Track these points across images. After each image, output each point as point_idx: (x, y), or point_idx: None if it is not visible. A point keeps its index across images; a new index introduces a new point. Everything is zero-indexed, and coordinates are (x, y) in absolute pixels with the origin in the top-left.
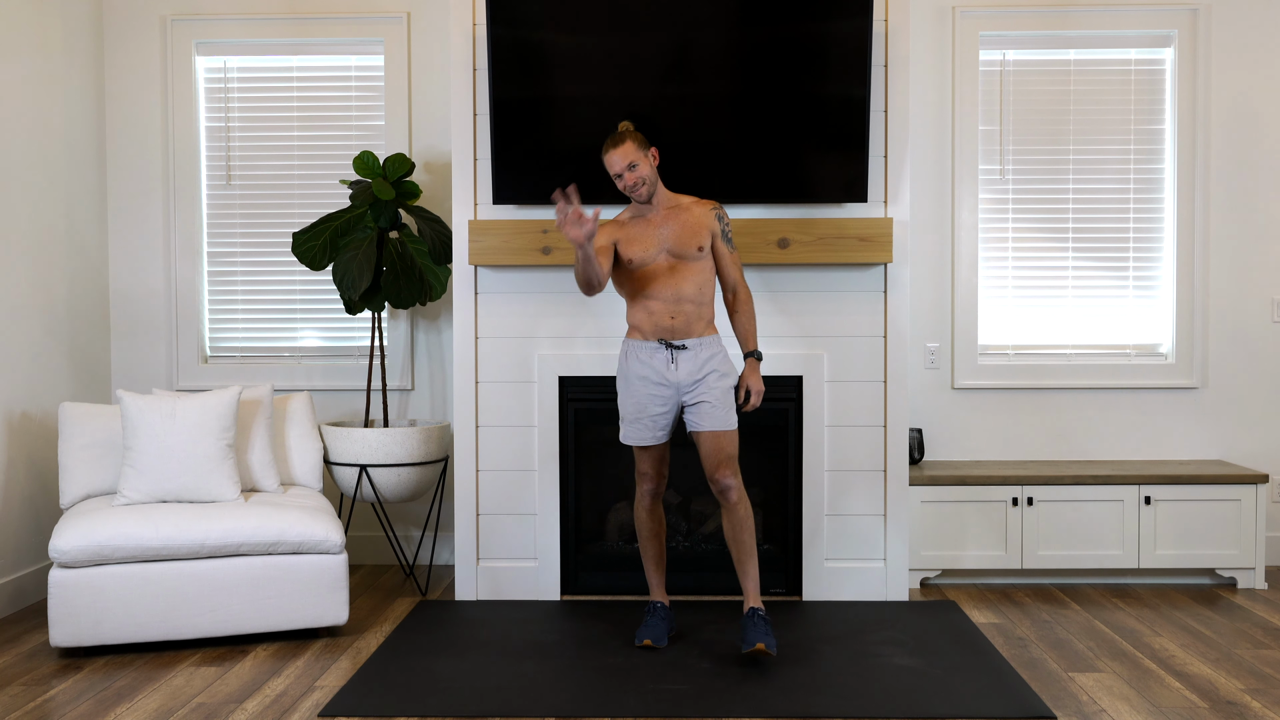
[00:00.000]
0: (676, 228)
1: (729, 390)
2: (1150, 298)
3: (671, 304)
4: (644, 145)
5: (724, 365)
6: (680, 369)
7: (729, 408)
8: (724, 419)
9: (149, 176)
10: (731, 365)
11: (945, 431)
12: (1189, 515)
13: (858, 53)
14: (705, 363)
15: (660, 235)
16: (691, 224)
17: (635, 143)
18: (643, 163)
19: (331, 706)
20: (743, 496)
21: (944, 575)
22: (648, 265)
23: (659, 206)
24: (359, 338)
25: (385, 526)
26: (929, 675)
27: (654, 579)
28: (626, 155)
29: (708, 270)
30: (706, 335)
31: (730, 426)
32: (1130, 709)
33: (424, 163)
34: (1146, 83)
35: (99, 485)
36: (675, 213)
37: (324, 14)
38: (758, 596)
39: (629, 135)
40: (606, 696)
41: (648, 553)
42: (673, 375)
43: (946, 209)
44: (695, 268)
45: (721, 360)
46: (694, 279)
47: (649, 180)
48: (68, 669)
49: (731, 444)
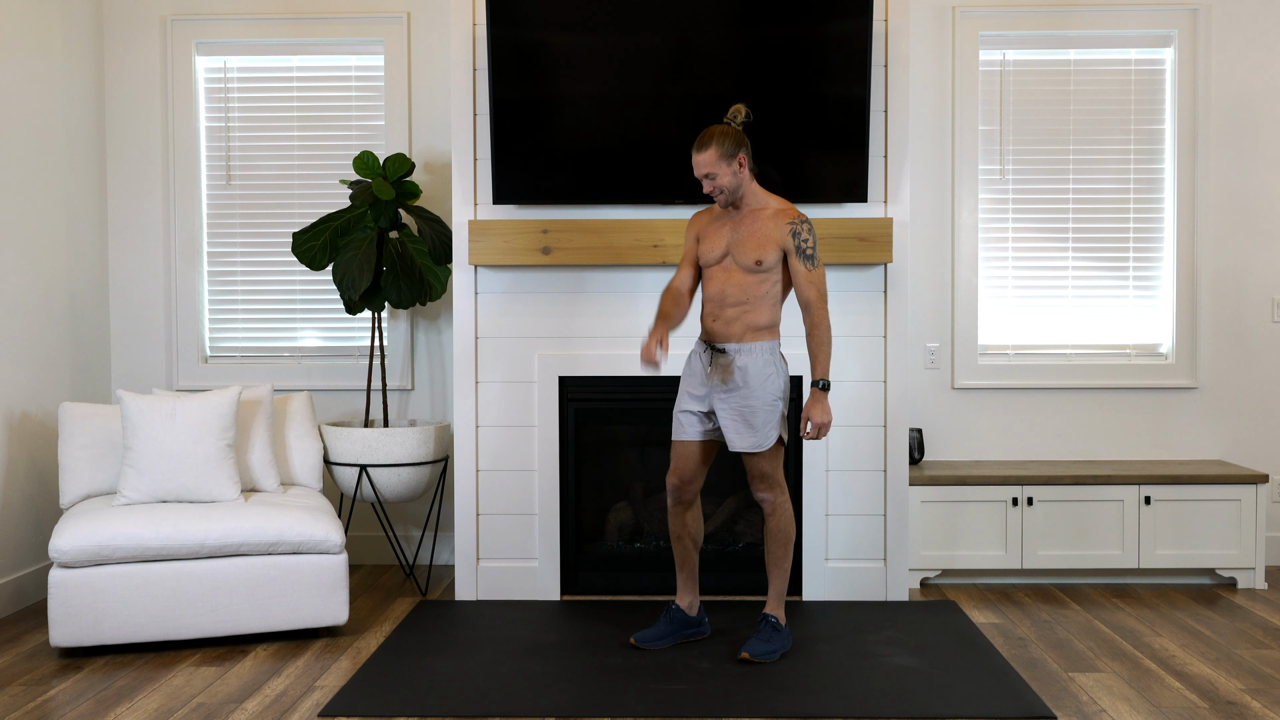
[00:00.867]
0: (743, 235)
1: (757, 410)
2: (1150, 298)
3: (717, 305)
4: (729, 155)
5: (758, 380)
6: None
7: (754, 428)
8: (744, 439)
9: (149, 176)
10: (775, 382)
11: (945, 431)
12: (1189, 515)
13: (858, 53)
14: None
15: (729, 239)
16: (759, 235)
17: (718, 153)
18: (723, 173)
19: (331, 706)
20: (778, 510)
21: (944, 575)
22: (711, 265)
23: (745, 208)
24: (359, 338)
25: (385, 526)
26: (929, 675)
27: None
28: (704, 165)
29: (766, 281)
30: (749, 341)
31: (751, 449)
32: (1130, 709)
33: (424, 163)
34: (1146, 83)
35: (99, 485)
36: (752, 218)
37: (324, 14)
38: (774, 604)
39: (714, 140)
40: (606, 696)
41: (675, 553)
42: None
43: (946, 209)
44: (751, 277)
45: (757, 374)
46: (742, 283)
47: (728, 190)
48: (68, 669)
49: (762, 462)
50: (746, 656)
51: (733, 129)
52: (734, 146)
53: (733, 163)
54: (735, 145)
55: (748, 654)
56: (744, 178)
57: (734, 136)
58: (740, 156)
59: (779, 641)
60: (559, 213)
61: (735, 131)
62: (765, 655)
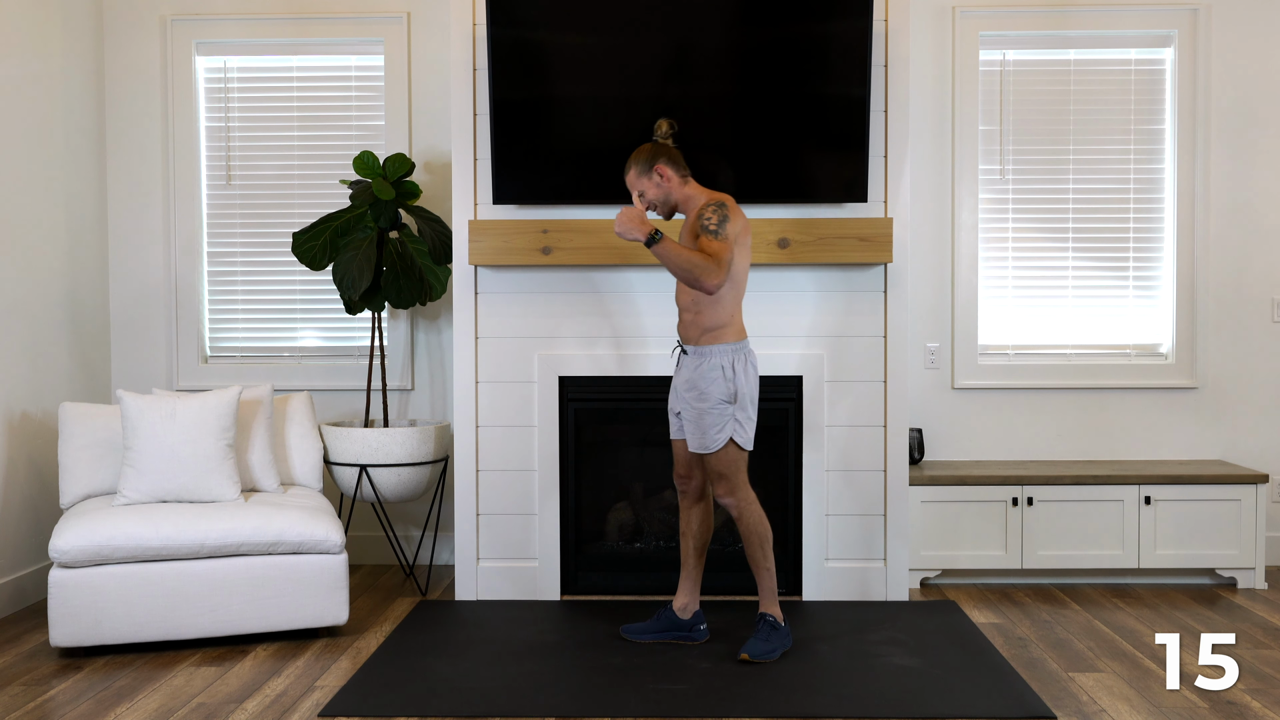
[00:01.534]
0: (679, 239)
1: (704, 412)
2: (1150, 298)
3: (679, 309)
4: (645, 170)
5: (705, 382)
6: (679, 374)
7: (703, 429)
8: (694, 439)
9: (149, 176)
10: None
11: (945, 431)
12: (1189, 515)
13: (858, 53)
14: (690, 375)
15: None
16: (685, 235)
17: (636, 170)
18: (648, 188)
19: (331, 706)
20: (742, 513)
21: (944, 575)
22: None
23: (689, 214)
24: (359, 338)
25: (385, 526)
26: (929, 675)
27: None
28: (630, 185)
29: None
30: (704, 344)
31: (698, 450)
32: (1130, 709)
33: (424, 163)
34: (1146, 83)
35: (99, 485)
36: (689, 221)
37: (324, 14)
38: (767, 602)
39: (631, 160)
40: (606, 696)
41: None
42: (677, 379)
43: (946, 209)
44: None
45: (704, 376)
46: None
47: (656, 201)
48: (68, 669)
49: (715, 464)
50: (746, 657)
51: (649, 146)
52: (648, 161)
53: (653, 175)
54: (650, 159)
55: (747, 655)
56: (670, 187)
57: (649, 152)
58: (658, 167)
59: (778, 640)
60: (559, 213)
61: (650, 147)
62: (764, 655)
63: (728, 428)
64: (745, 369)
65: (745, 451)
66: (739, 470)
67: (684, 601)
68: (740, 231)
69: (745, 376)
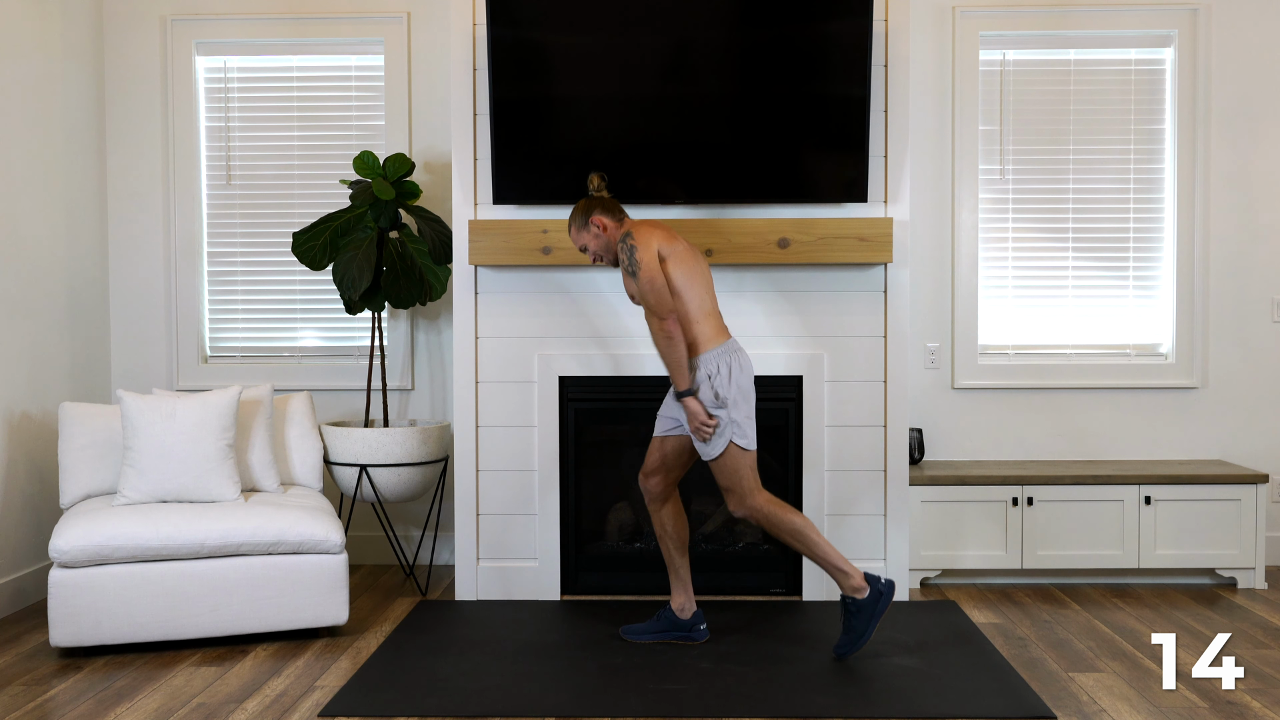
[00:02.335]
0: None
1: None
2: (1150, 298)
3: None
4: (582, 224)
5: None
6: (672, 390)
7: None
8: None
9: (149, 176)
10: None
11: (945, 431)
12: (1189, 515)
13: (858, 53)
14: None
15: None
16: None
17: (575, 226)
18: (588, 240)
19: (331, 706)
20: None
21: (944, 575)
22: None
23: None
24: (359, 338)
25: (385, 526)
26: (929, 675)
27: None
28: (574, 241)
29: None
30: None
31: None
32: (1130, 709)
33: (424, 163)
34: (1146, 83)
35: (99, 485)
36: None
37: (324, 14)
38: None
39: (571, 220)
40: (606, 696)
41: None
42: (670, 394)
43: (946, 209)
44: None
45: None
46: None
47: (599, 251)
48: (68, 669)
49: (721, 472)
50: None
51: (583, 201)
52: (584, 215)
53: (590, 227)
54: (585, 213)
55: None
56: (609, 235)
57: (583, 207)
58: (595, 219)
59: (862, 622)
60: (559, 213)
61: (584, 202)
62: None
63: (726, 432)
64: (730, 371)
65: (749, 452)
66: (744, 476)
67: (680, 601)
68: (662, 245)
69: (731, 378)
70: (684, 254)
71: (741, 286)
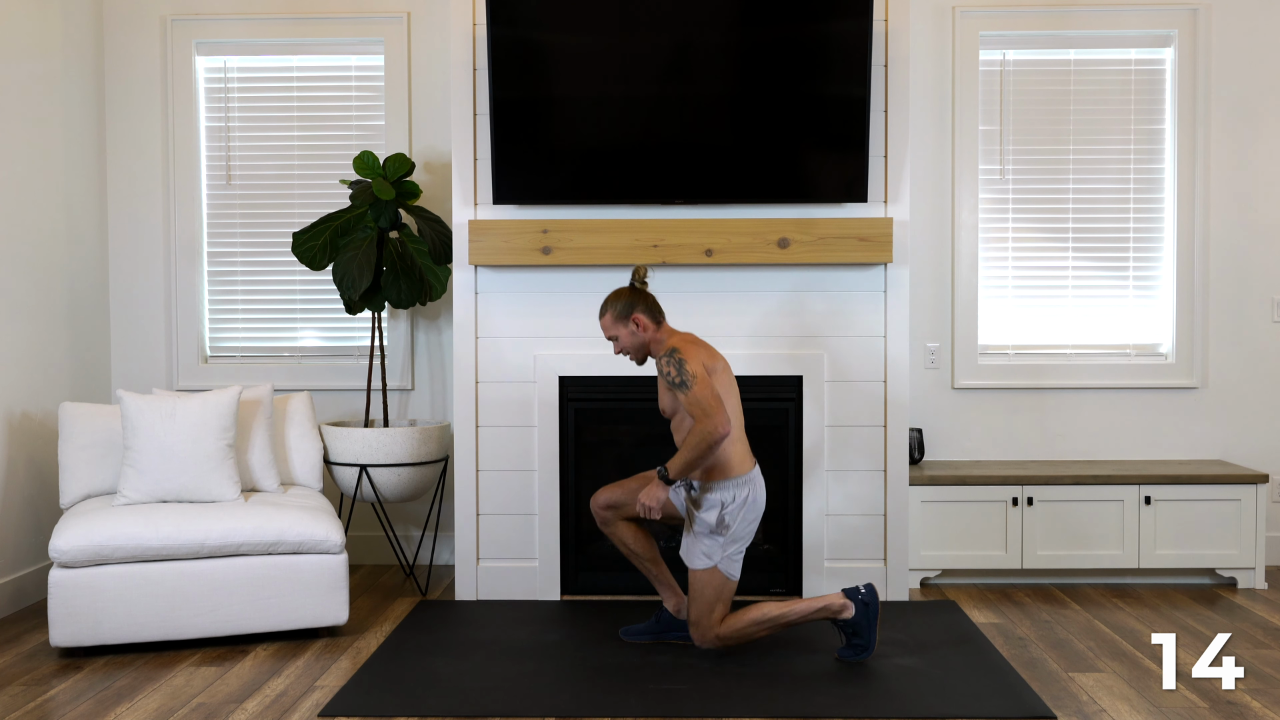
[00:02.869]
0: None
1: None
2: (1150, 298)
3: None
4: (623, 317)
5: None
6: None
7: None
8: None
9: (149, 176)
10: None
11: (945, 431)
12: (1189, 515)
13: (858, 53)
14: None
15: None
16: (660, 386)
17: (612, 315)
18: (622, 335)
19: (331, 706)
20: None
21: (944, 575)
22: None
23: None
24: (359, 338)
25: (385, 526)
26: (929, 675)
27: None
28: (605, 329)
29: (684, 424)
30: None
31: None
32: (1130, 709)
33: (424, 163)
34: (1146, 83)
35: (99, 485)
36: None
37: (324, 14)
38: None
39: (608, 305)
40: (606, 696)
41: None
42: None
43: (946, 209)
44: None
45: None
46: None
47: (630, 349)
48: (68, 669)
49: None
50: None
51: (625, 291)
52: (626, 309)
53: (629, 323)
54: (628, 307)
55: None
56: (646, 336)
57: (627, 298)
58: (635, 316)
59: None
60: (559, 213)
61: (629, 293)
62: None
63: (713, 556)
64: (747, 500)
65: (731, 583)
66: (718, 610)
67: (674, 603)
68: (707, 360)
69: (744, 508)
70: (723, 372)
71: (742, 286)
